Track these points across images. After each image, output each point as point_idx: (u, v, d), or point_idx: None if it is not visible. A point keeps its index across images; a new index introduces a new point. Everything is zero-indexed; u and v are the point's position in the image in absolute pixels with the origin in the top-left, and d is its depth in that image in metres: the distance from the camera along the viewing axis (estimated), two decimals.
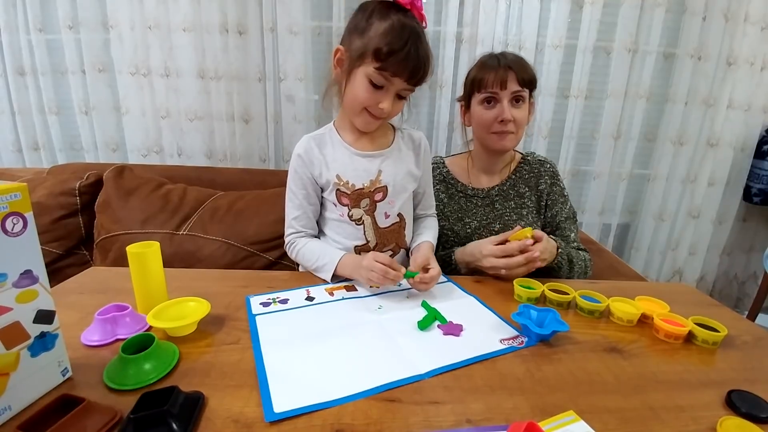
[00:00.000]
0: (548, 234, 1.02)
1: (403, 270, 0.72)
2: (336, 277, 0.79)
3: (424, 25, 0.75)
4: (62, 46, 1.55)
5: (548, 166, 1.04)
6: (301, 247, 0.84)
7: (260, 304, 0.69)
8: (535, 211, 1.03)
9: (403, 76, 0.72)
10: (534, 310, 0.65)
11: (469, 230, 1.02)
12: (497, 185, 1.04)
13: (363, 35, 0.72)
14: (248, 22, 1.51)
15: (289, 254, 0.88)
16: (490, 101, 0.95)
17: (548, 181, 1.03)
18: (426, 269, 0.75)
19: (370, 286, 0.76)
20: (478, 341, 0.60)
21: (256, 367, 0.52)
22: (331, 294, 0.74)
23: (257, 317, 0.64)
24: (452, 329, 0.63)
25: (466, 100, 1.01)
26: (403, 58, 0.69)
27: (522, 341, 0.61)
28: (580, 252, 1.00)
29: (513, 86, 0.92)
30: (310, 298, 0.72)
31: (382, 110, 0.75)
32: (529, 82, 0.94)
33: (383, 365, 0.53)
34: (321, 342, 0.58)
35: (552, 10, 1.55)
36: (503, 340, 0.61)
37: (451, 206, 1.04)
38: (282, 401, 0.45)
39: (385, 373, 0.51)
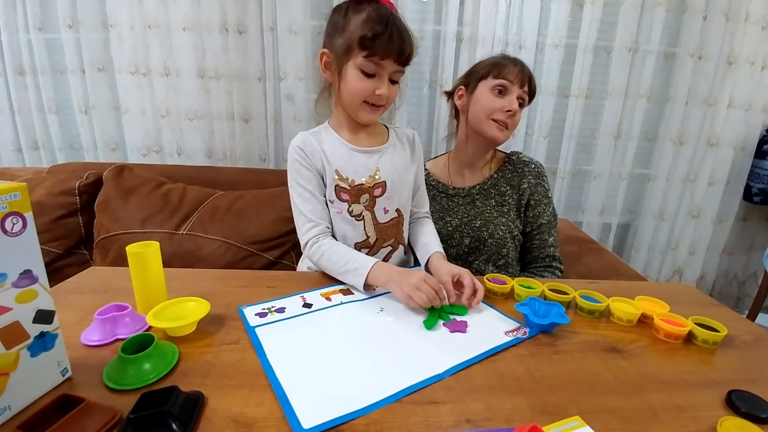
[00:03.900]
0: (527, 235, 1.05)
1: (450, 299, 0.70)
2: (366, 286, 0.74)
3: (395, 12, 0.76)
4: (62, 46, 1.55)
5: (533, 166, 1.04)
6: (327, 249, 0.79)
7: (255, 315, 0.65)
8: (515, 210, 1.03)
9: (392, 57, 0.73)
10: (540, 303, 0.66)
11: (450, 228, 1.03)
12: (478, 184, 1.04)
13: (344, 32, 0.74)
14: (248, 21, 1.51)
15: (308, 255, 0.82)
16: (503, 91, 0.95)
17: (532, 181, 1.02)
18: (460, 282, 0.72)
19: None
20: (486, 335, 0.61)
21: (270, 383, 0.48)
22: (329, 299, 0.71)
23: (257, 329, 0.60)
24: (458, 326, 0.63)
25: (471, 84, 1.00)
26: (388, 39, 0.71)
27: (525, 332, 0.62)
28: (548, 270, 1.03)
29: (523, 90, 0.96)
30: (307, 305, 0.69)
31: (380, 97, 0.76)
32: (530, 95, 0.99)
33: (402, 368, 0.52)
34: (334, 351, 0.56)
35: (552, 10, 1.55)
36: (508, 332, 0.62)
37: (433, 206, 1.04)
38: (309, 417, 0.43)
39: (406, 376, 0.50)
